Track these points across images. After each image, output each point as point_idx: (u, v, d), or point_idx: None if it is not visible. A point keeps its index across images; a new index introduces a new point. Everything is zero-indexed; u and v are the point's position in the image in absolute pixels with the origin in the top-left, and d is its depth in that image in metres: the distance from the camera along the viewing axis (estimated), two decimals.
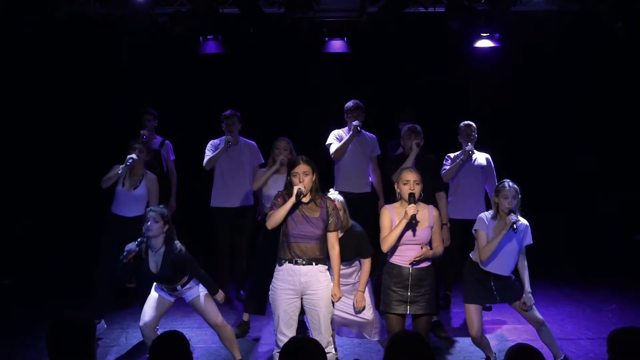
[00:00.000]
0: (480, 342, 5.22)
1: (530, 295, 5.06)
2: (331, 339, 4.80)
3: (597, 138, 8.54)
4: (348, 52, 7.71)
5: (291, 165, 4.70)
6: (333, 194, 5.16)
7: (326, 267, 4.74)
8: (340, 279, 5.12)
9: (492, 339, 5.86)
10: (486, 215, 5.08)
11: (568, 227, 8.35)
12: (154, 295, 5.26)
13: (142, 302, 5.98)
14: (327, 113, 8.11)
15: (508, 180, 5.04)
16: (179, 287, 5.17)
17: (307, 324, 5.59)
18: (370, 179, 6.91)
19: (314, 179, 4.69)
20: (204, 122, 8.25)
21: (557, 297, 6.85)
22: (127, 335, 6.11)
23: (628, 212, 8.36)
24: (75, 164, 8.25)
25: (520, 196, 4.98)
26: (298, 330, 4.87)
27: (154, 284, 5.28)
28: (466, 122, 6.56)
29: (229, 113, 6.83)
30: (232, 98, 8.32)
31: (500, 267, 5.02)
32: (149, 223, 5.04)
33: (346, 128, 6.84)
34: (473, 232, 5.12)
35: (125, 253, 5.02)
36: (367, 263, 5.20)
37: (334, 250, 4.75)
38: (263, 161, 6.93)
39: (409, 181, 4.71)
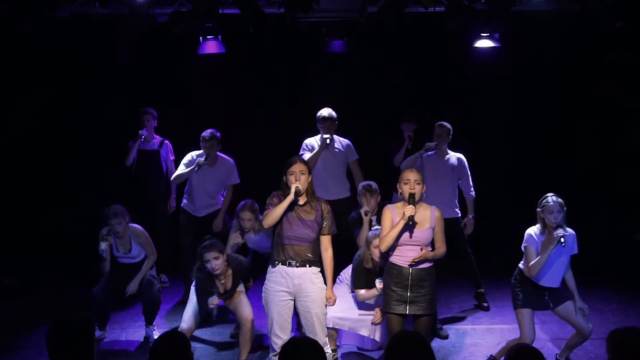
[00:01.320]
0: None
1: (581, 301, 5.12)
2: (327, 339, 4.80)
3: (597, 137, 8.53)
4: (348, 52, 7.71)
5: (287, 165, 4.70)
6: (377, 229, 5.11)
7: (319, 269, 4.75)
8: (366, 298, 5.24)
9: (493, 339, 5.87)
10: (534, 230, 5.07)
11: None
12: (194, 300, 5.30)
13: (142, 302, 6.02)
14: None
15: (552, 194, 5.03)
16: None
17: None
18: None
19: (309, 179, 4.69)
20: (203, 122, 8.25)
21: None
22: (127, 335, 6.10)
23: (628, 211, 8.36)
24: (76, 162, 8.25)
25: (565, 209, 4.98)
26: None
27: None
28: (440, 122, 6.65)
29: (208, 135, 6.63)
30: (232, 98, 8.32)
31: (551, 280, 5.05)
32: (211, 264, 5.06)
33: (319, 136, 6.76)
34: (522, 248, 5.12)
35: (213, 308, 5.14)
36: None
37: (327, 253, 4.76)
38: (239, 181, 6.81)
39: (409, 180, 4.68)
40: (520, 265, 5.18)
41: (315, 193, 6.59)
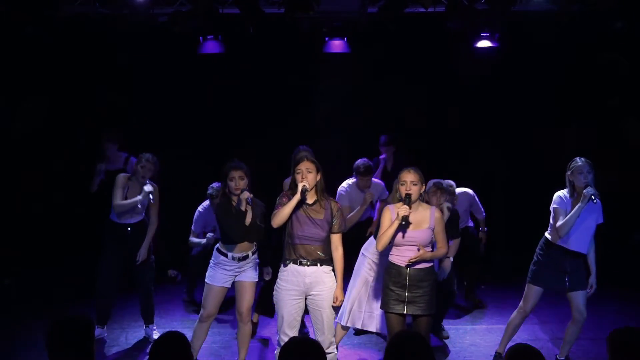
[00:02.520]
0: (516, 324, 5.30)
1: (595, 279, 5.14)
2: (334, 339, 4.81)
3: (597, 137, 8.52)
4: (348, 52, 7.72)
5: (294, 163, 4.71)
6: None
7: (331, 268, 4.75)
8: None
9: (493, 339, 5.87)
10: (564, 193, 5.10)
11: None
12: (213, 288, 5.14)
13: (143, 301, 6.03)
14: (327, 113, 8.12)
15: (579, 157, 5.09)
16: (250, 253, 5.10)
17: (306, 323, 5.62)
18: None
19: (318, 178, 4.69)
20: (203, 122, 8.26)
21: (557, 296, 6.81)
22: (127, 335, 6.11)
23: (628, 211, 8.35)
24: (76, 163, 8.25)
25: (594, 170, 5.02)
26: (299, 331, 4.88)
27: (213, 272, 5.15)
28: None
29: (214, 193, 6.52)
30: (232, 98, 8.33)
31: (579, 243, 5.04)
32: (235, 182, 4.93)
33: (351, 180, 6.54)
34: (551, 209, 5.14)
35: (248, 198, 4.90)
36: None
37: (338, 252, 4.75)
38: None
39: (405, 182, 4.69)
40: (547, 234, 5.18)
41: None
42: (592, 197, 4.87)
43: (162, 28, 6.88)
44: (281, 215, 4.61)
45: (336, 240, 4.75)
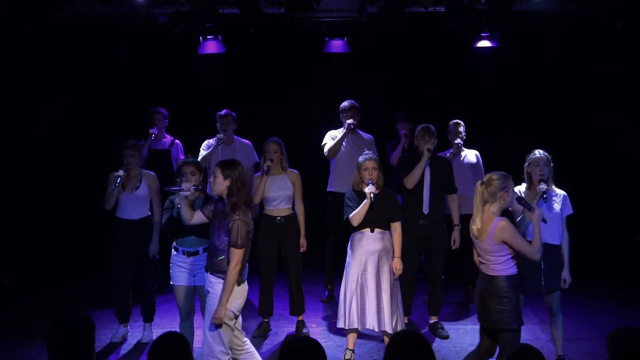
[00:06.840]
0: None
1: (568, 273, 5.12)
2: (223, 347, 4.51)
3: (597, 138, 8.53)
4: (348, 52, 7.72)
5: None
6: (367, 153, 5.46)
7: (222, 281, 4.48)
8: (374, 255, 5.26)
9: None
10: (519, 189, 5.13)
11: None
12: (176, 288, 5.18)
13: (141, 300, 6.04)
14: (327, 113, 8.12)
15: (538, 149, 5.13)
16: (201, 250, 5.05)
17: (306, 323, 5.58)
18: None
19: (227, 184, 4.48)
20: (203, 122, 8.25)
21: None
22: (128, 335, 6.10)
23: (628, 212, 8.36)
24: (75, 162, 8.26)
25: (552, 164, 5.06)
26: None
27: (172, 272, 5.16)
28: (455, 120, 6.75)
29: (223, 113, 6.92)
30: (231, 98, 8.32)
31: (546, 234, 4.99)
32: (186, 178, 4.94)
33: (342, 128, 6.82)
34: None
35: (186, 193, 4.77)
36: (398, 227, 5.36)
37: (229, 266, 4.45)
38: (258, 160, 6.91)
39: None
40: None
41: (334, 185, 6.69)
42: (544, 195, 4.93)
43: (162, 28, 6.88)
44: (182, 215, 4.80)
45: (230, 254, 4.45)
